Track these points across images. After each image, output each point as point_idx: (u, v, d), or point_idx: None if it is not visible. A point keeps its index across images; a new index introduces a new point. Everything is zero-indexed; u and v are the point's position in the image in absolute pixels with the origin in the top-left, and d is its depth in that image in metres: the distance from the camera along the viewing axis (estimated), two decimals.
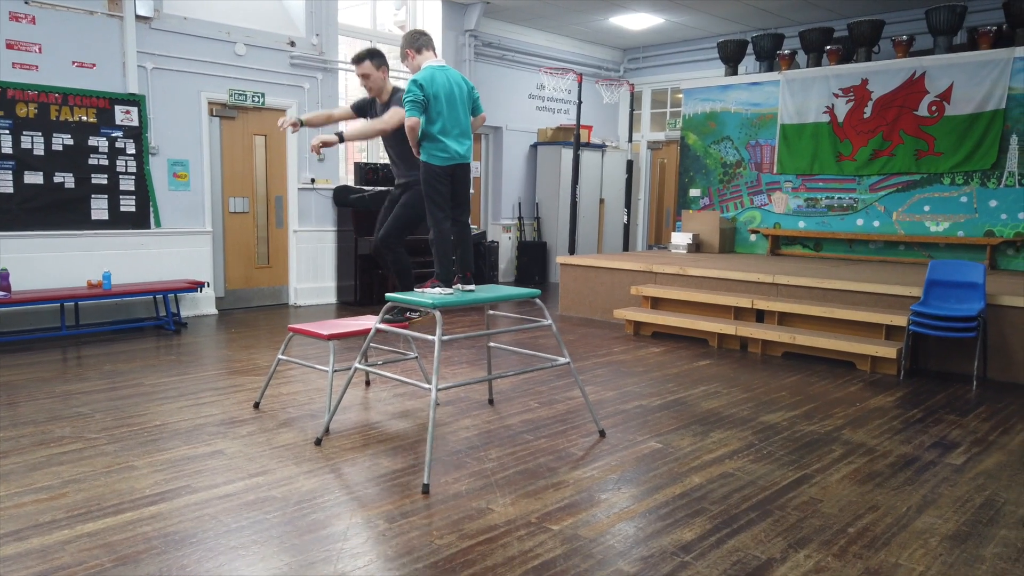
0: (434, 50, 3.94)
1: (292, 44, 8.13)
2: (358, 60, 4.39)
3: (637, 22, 10.07)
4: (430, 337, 3.46)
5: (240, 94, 7.73)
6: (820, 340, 5.82)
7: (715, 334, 6.49)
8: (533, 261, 10.84)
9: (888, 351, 5.48)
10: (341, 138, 4.24)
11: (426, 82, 3.69)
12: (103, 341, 6.32)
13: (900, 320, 5.58)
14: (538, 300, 4.02)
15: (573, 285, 8.12)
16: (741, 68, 9.58)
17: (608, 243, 11.85)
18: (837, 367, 5.79)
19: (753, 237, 9.16)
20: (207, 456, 3.61)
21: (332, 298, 8.71)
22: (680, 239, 9.14)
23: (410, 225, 4.41)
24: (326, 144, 4.17)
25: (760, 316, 6.50)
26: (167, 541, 2.72)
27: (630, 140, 9.75)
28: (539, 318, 4.03)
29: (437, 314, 3.48)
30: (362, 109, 4.65)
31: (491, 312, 4.41)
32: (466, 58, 9.78)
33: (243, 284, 8.13)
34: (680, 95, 11.73)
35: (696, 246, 9.12)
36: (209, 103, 7.61)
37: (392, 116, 4.23)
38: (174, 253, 7.39)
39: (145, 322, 6.99)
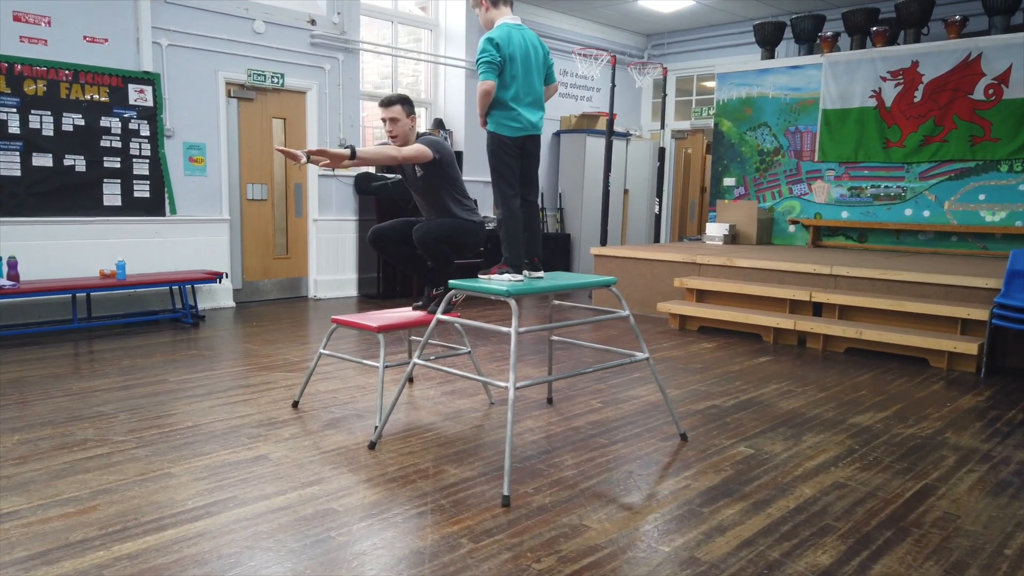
0: (511, 5, 3.51)
1: (312, 22, 7.71)
2: (388, 104, 3.84)
3: (667, 4, 9.65)
4: (505, 329, 3.06)
5: (259, 74, 7.31)
6: (890, 335, 5.42)
7: (770, 329, 6.10)
8: (556, 253, 10.42)
9: (968, 347, 5.09)
10: (353, 153, 3.51)
11: (503, 41, 3.28)
12: (117, 334, 5.91)
13: (978, 313, 5.19)
14: (615, 288, 3.62)
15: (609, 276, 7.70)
16: (778, 52, 9.17)
17: (632, 234, 11.45)
18: (909, 364, 5.40)
19: (792, 228, 8.76)
20: (250, 462, 3.21)
21: (353, 291, 8.30)
22: (715, 230, 8.74)
23: (453, 238, 3.89)
24: (327, 157, 3.47)
25: (817, 309, 6.11)
26: (223, 564, 2.32)
27: (663, 126, 9.34)
28: (615, 308, 3.63)
29: (513, 303, 3.08)
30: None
31: (557, 302, 4.01)
32: None
33: (261, 275, 7.72)
34: (707, 83, 11.34)
35: (732, 237, 8.72)
36: (226, 83, 7.18)
37: (412, 148, 3.71)
38: (190, 242, 6.97)
39: (161, 315, 6.58)
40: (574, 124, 10.55)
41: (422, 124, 9.49)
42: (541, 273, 3.56)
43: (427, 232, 3.80)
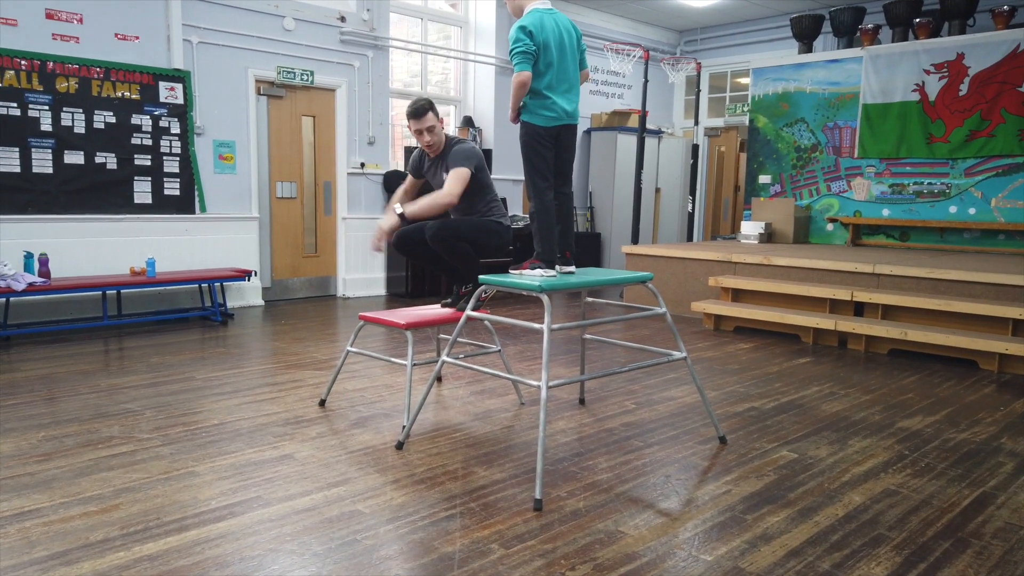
0: None
1: (342, 19, 7.67)
2: (421, 113, 3.68)
3: None
4: (536, 326, 2.94)
5: (288, 71, 7.28)
6: (937, 336, 5.20)
7: (810, 329, 5.90)
8: (587, 252, 10.28)
9: (1021, 348, 4.86)
10: (403, 218, 3.67)
11: (536, 28, 3.16)
12: (147, 332, 5.90)
13: None
14: (651, 284, 3.48)
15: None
16: (815, 46, 8.93)
17: (664, 234, 11.27)
18: (957, 366, 5.18)
19: (831, 226, 8.52)
20: (276, 461, 3.13)
21: (382, 290, 8.24)
22: (751, 228, 8.53)
23: (473, 238, 3.78)
24: (386, 235, 3.72)
25: (858, 309, 5.90)
26: (245, 567, 2.23)
27: (696, 123, 9.15)
28: (651, 305, 3.49)
29: (545, 298, 2.96)
30: (418, 169, 3.99)
31: (590, 300, 3.88)
32: None
33: (290, 274, 7.69)
34: (741, 79, 11.12)
35: (768, 236, 8.51)
36: (256, 80, 7.16)
37: (455, 185, 3.63)
38: (220, 240, 6.96)
39: (190, 312, 6.57)
40: (605, 122, 10.40)
41: (451, 123, 9.42)
42: (573, 268, 3.44)
43: (441, 228, 3.68)
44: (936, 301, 5.37)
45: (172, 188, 6.66)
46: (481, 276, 3.25)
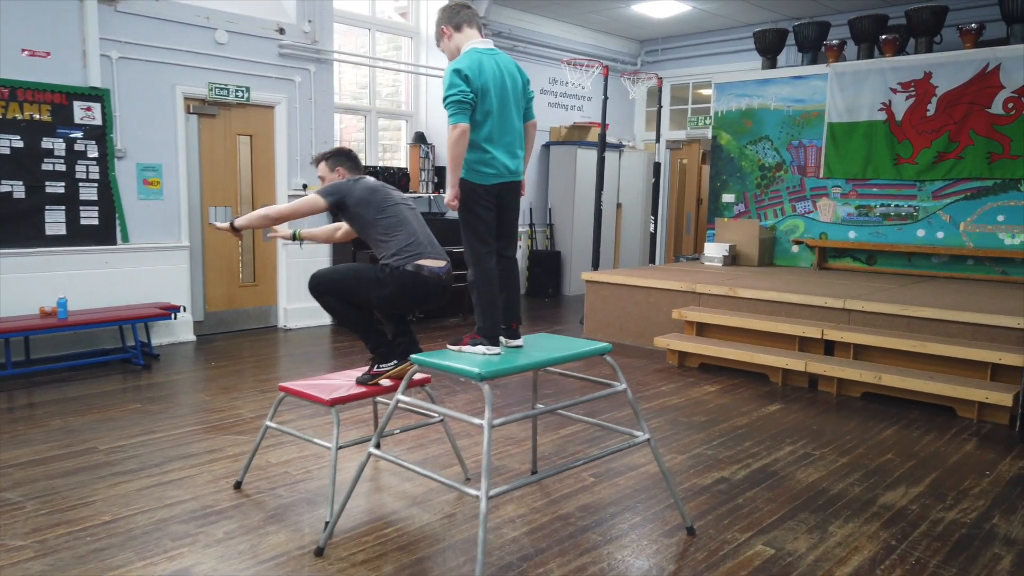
0: (479, 28, 2.95)
1: (281, 31, 7.14)
2: (314, 162, 3.67)
3: (661, 10, 9.13)
4: (476, 421, 2.51)
5: (221, 88, 6.73)
6: (914, 381, 4.90)
7: (779, 369, 5.56)
8: (546, 272, 9.89)
9: (1001, 397, 4.56)
10: (233, 227, 3.39)
11: (473, 72, 2.72)
12: (58, 381, 5.32)
13: (1011, 358, 4.67)
14: (608, 358, 3.07)
15: (601, 306, 7.18)
16: (779, 61, 8.65)
17: (626, 253, 10.92)
18: (934, 414, 4.87)
19: (796, 248, 8.24)
20: None
21: (327, 319, 7.71)
22: (714, 250, 8.21)
23: (348, 290, 3.29)
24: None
25: (829, 347, 5.59)
26: None
27: (658, 140, 8.80)
28: (611, 380, 3.08)
29: (486, 389, 2.53)
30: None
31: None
32: None
33: (225, 305, 7.14)
34: (703, 91, 10.82)
35: (732, 258, 8.20)
36: (185, 98, 6.60)
37: (295, 203, 3.37)
38: (145, 272, 6.39)
39: (110, 355, 5.99)
40: (564, 135, 10.01)
41: (402, 139, 8.94)
42: (520, 341, 3.00)
43: (312, 278, 3.30)
44: (911, 342, 5.07)
45: (89, 217, 6.08)
46: (412, 356, 2.80)
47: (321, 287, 3.28)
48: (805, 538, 3.07)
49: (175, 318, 6.20)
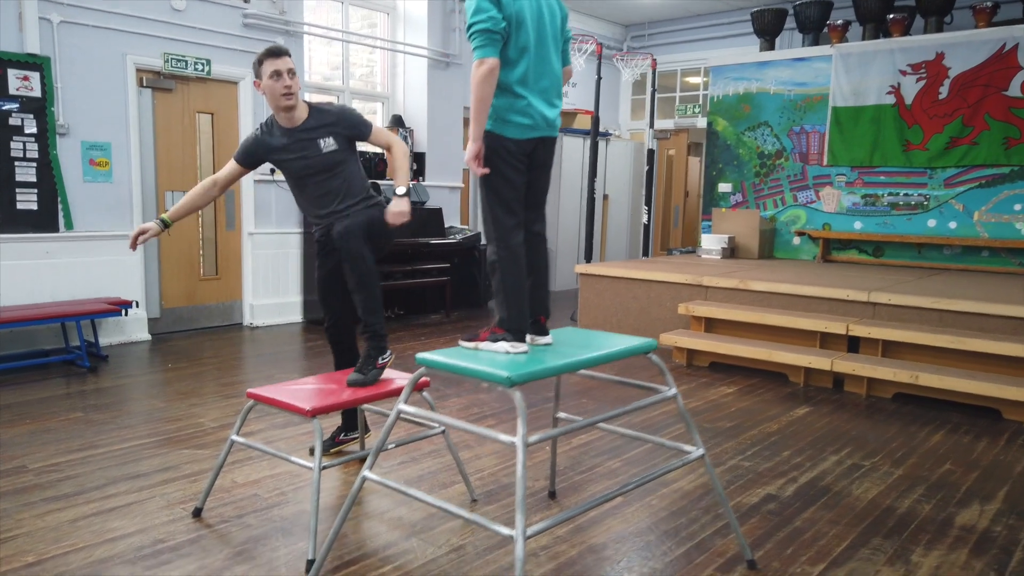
0: None
1: (246, 0, 6.48)
2: (281, 52, 3.14)
3: None
4: (507, 439, 1.95)
5: (179, 60, 6.06)
6: (955, 381, 4.44)
7: (800, 368, 5.08)
8: None
9: None
10: (164, 223, 3.17)
11: None
12: None
13: None
14: (655, 356, 2.53)
15: (596, 301, 6.64)
16: (778, 44, 8.21)
17: (612, 246, 10.42)
18: (976, 416, 4.43)
19: (797, 240, 7.80)
20: None
21: (297, 315, 7.08)
22: (712, 242, 7.74)
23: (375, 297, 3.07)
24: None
25: (852, 344, 5.12)
26: None
27: (651, 125, 8.30)
28: (658, 384, 2.54)
29: (518, 397, 1.96)
30: (256, 153, 3.25)
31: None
32: (455, 26, 8.22)
33: (184, 301, 6.45)
34: (691, 78, 10.37)
35: (731, 250, 7.74)
36: (138, 70, 5.92)
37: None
38: (93, 263, 5.70)
39: (51, 356, 5.30)
40: None
41: (379, 122, 8.32)
42: (549, 338, 2.44)
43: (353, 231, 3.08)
44: (949, 338, 4.61)
45: (27, 201, 5.37)
46: (419, 356, 2.22)
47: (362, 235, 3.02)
48: (889, 571, 2.56)
49: (126, 315, 5.53)
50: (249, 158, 3.24)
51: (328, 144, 3.19)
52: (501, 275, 2.26)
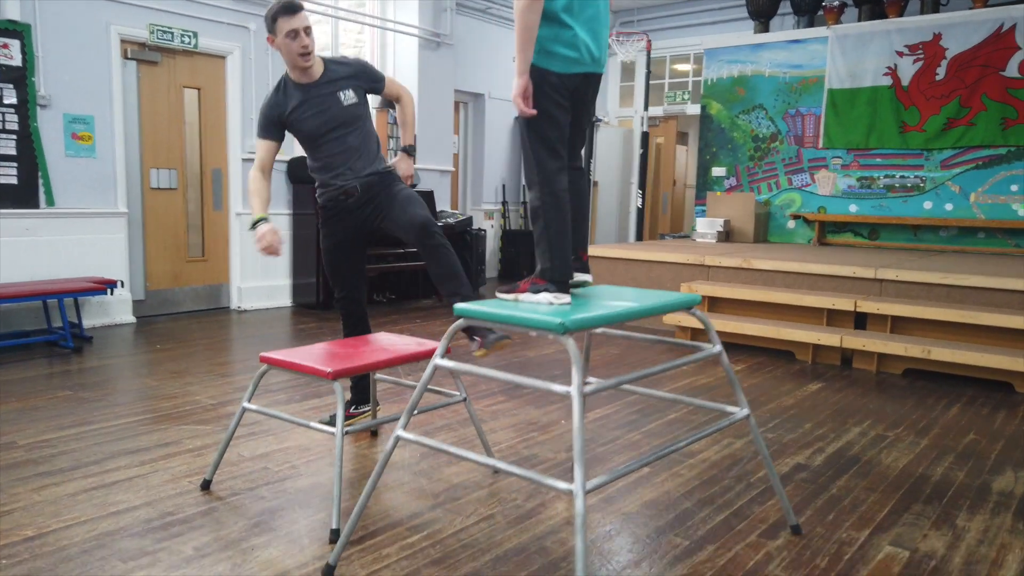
0: None
1: None
2: (297, 8, 2.92)
3: None
4: (562, 389, 1.82)
5: (165, 31, 5.84)
6: (967, 355, 4.39)
7: (808, 345, 5.01)
8: (521, 253, 9.21)
9: None
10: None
11: None
12: None
13: None
14: (699, 311, 2.41)
15: (595, 282, 6.51)
16: (772, 26, 8.16)
17: (601, 233, 10.32)
18: (989, 390, 4.38)
19: (792, 223, 7.76)
20: None
21: (287, 299, 6.88)
22: (707, 226, 7.67)
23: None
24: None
25: (859, 321, 5.06)
26: None
27: (646, 108, 8.20)
28: (703, 343, 2.42)
29: (571, 344, 1.83)
30: (279, 119, 3.05)
31: (600, 329, 2.77)
32: (446, 7, 8.06)
33: (170, 283, 6.23)
34: (679, 65, 10.30)
35: (726, 234, 7.67)
36: (122, 41, 5.69)
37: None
38: (75, 241, 5.46)
39: (32, 337, 5.06)
40: None
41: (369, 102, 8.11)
42: (589, 276, 2.33)
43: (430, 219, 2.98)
44: (960, 313, 4.57)
45: (7, 175, 5.13)
46: (457, 306, 2.08)
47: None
48: (936, 536, 2.47)
49: (111, 294, 5.30)
50: (273, 128, 3.04)
51: (348, 97, 3.07)
52: (544, 223, 2.13)
